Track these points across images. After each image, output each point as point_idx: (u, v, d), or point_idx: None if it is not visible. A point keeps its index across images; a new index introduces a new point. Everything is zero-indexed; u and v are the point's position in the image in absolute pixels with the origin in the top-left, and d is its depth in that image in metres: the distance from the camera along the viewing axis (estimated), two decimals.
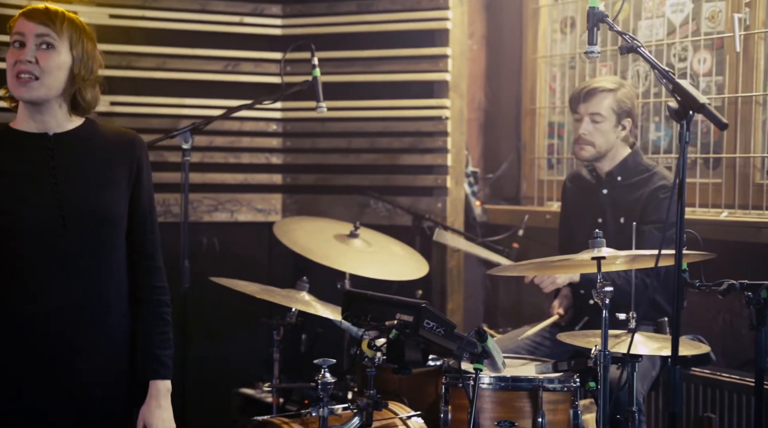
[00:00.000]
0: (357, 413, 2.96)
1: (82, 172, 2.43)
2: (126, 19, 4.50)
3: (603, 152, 3.51)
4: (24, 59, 2.34)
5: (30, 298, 2.38)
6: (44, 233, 2.38)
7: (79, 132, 2.47)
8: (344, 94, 4.59)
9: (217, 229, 4.67)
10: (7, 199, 2.37)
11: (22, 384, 2.39)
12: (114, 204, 2.45)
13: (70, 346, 2.41)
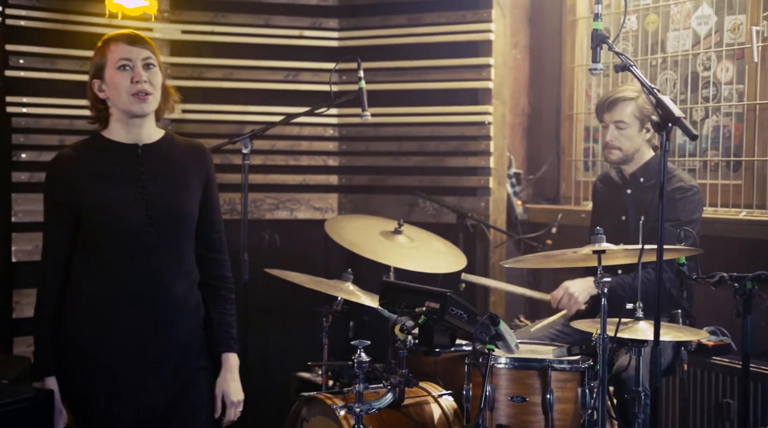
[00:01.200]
0: (390, 389, 3.33)
1: (164, 178, 2.79)
2: (196, 34, 4.93)
3: (630, 154, 3.80)
4: (141, 80, 2.70)
5: (120, 286, 2.74)
6: (133, 229, 2.72)
7: (162, 143, 2.84)
8: (395, 101, 4.96)
9: (278, 226, 5.07)
10: (102, 199, 2.71)
11: (111, 358, 2.74)
12: (189, 205, 2.82)
13: (154, 327, 2.76)
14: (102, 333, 2.74)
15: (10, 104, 4.55)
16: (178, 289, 2.81)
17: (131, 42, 2.74)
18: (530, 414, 3.01)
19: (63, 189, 2.74)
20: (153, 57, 2.76)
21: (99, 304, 2.75)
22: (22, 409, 2.59)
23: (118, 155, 2.78)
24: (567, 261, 3.31)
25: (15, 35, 4.55)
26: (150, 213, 2.73)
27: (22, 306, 4.56)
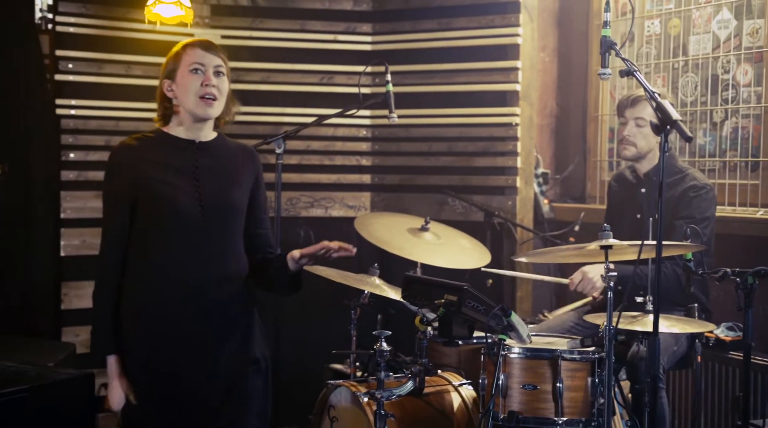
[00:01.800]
0: (411, 378, 3.51)
1: (216, 173, 2.94)
2: (235, 39, 5.15)
3: (644, 152, 3.93)
4: (210, 84, 2.87)
5: (174, 272, 2.86)
6: (186, 218, 2.86)
7: (216, 143, 3.00)
8: (425, 102, 5.14)
9: (313, 223, 5.27)
10: (161, 185, 2.85)
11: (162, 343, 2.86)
12: (239, 199, 2.96)
13: (205, 315, 2.88)
14: (153, 319, 2.86)
15: (59, 107, 4.81)
16: (227, 279, 2.93)
17: (206, 48, 2.91)
18: (541, 402, 3.16)
19: (124, 174, 2.87)
20: (223, 66, 2.92)
21: (150, 290, 2.87)
22: (63, 389, 2.80)
23: (176, 148, 2.94)
24: (575, 256, 3.46)
25: (64, 41, 4.81)
26: (202, 204, 2.87)
27: (71, 298, 4.82)
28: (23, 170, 4.68)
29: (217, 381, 2.90)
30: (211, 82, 2.86)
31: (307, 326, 5.02)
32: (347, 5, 5.27)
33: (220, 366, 2.90)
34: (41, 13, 4.77)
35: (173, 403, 2.86)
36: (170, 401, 2.86)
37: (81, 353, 4.37)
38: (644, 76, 4.67)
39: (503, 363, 3.20)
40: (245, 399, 2.96)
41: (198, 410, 2.89)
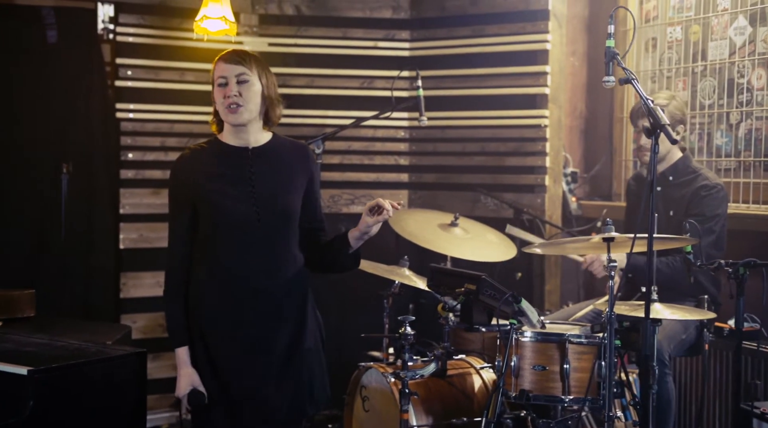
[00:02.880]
0: (433, 360, 3.82)
1: (271, 178, 3.07)
2: (281, 47, 5.49)
3: (662, 156, 4.17)
4: (230, 94, 2.99)
5: (233, 274, 3.03)
6: (243, 225, 3.02)
7: (270, 145, 3.13)
8: (460, 105, 5.43)
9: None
10: (217, 196, 3.01)
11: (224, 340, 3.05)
12: (293, 203, 3.10)
13: (263, 312, 3.05)
14: (216, 317, 3.05)
15: (119, 110, 5.21)
16: (283, 278, 3.09)
17: (227, 60, 3.04)
18: (550, 381, 3.44)
19: (183, 187, 3.06)
20: (247, 73, 3.03)
21: (211, 290, 3.05)
22: (118, 364, 3.16)
23: (231, 156, 3.08)
24: (582, 249, 3.73)
25: (124, 50, 5.20)
26: (258, 210, 3.03)
27: (129, 288, 5.21)
28: (87, 168, 5.08)
29: (274, 371, 3.07)
30: (231, 92, 2.99)
31: (344, 315, 5.34)
32: (387, 14, 5.58)
33: (278, 360, 3.07)
34: (103, 24, 5.17)
35: (233, 393, 3.04)
36: (231, 391, 3.04)
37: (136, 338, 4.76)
38: (666, 80, 4.94)
39: (516, 346, 3.48)
40: (302, 386, 3.13)
41: (258, 398, 3.06)
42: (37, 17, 5.05)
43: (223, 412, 3.05)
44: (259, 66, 3.10)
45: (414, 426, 3.66)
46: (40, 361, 3.00)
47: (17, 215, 4.88)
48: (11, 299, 3.81)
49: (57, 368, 2.99)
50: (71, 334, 3.54)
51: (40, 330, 3.59)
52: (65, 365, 3.02)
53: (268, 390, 3.06)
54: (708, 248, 3.96)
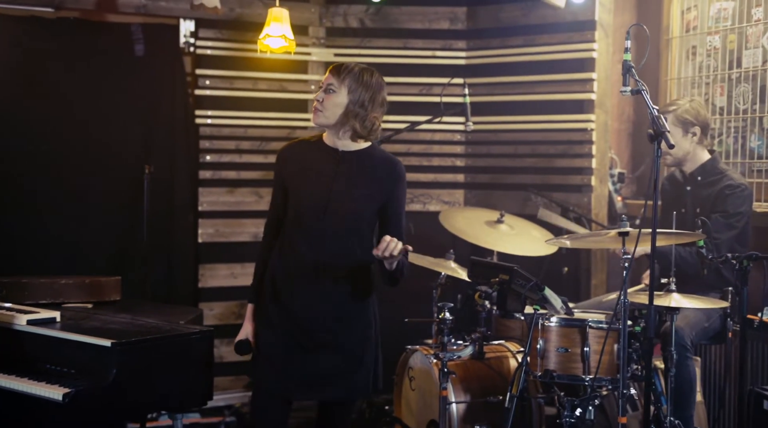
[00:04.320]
0: (471, 344, 4.21)
1: (351, 181, 3.33)
2: (346, 57, 5.92)
3: (680, 157, 4.46)
4: (316, 99, 3.33)
5: (295, 259, 3.33)
6: (309, 215, 3.32)
7: (361, 153, 3.37)
8: (512, 110, 5.80)
9: (413, 216, 5.93)
10: (299, 183, 3.34)
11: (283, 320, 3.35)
12: (363, 207, 3.33)
13: (318, 299, 3.34)
14: (272, 286, 3.38)
15: (198, 117, 5.73)
16: (341, 272, 3.33)
17: (328, 71, 3.37)
18: (572, 362, 3.81)
19: (280, 170, 3.41)
20: (335, 83, 3.30)
21: (282, 266, 3.37)
22: (189, 340, 3.64)
23: (323, 152, 3.38)
24: (600, 242, 4.05)
25: (203, 61, 5.72)
26: (328, 204, 3.31)
27: (206, 278, 5.73)
28: (168, 169, 5.60)
29: (330, 357, 3.35)
30: (317, 97, 3.33)
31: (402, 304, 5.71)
32: (444, 25, 5.98)
33: (333, 345, 3.35)
34: (185, 38, 5.70)
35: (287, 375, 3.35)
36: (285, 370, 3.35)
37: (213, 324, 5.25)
38: (705, 86, 5.22)
39: (543, 330, 3.86)
40: (361, 374, 3.41)
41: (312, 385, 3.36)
42: (127, 33, 5.59)
43: (257, 367, 3.40)
44: (354, 82, 3.32)
45: (452, 402, 4.05)
46: (121, 336, 3.50)
47: (106, 211, 5.44)
48: (100, 284, 4.33)
49: (135, 341, 3.48)
50: (150, 315, 4.03)
51: (124, 311, 4.10)
52: (142, 339, 3.51)
53: (320, 366, 3.34)
54: (730, 243, 4.25)
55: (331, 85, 3.32)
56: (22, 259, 5.14)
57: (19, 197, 5.28)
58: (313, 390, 3.39)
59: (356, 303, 3.44)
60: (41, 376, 3.46)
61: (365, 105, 3.32)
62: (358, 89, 3.32)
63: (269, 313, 3.40)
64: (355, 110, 3.31)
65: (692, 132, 4.44)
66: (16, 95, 5.28)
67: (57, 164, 5.34)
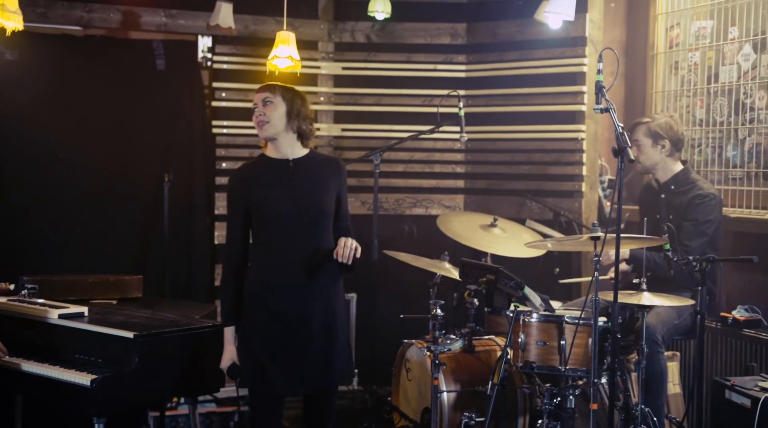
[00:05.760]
0: (460, 338, 4.60)
1: (309, 182, 3.72)
2: (353, 70, 6.34)
3: (649, 166, 4.84)
4: (257, 114, 3.71)
5: (280, 263, 3.67)
6: (286, 219, 3.65)
7: (307, 158, 3.79)
8: (509, 120, 6.18)
9: (416, 220, 6.40)
10: (265, 199, 3.67)
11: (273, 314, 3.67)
12: (328, 202, 3.75)
13: (305, 288, 3.69)
14: (267, 293, 3.69)
15: (215, 127, 6.15)
16: (320, 262, 3.71)
17: (257, 91, 3.78)
18: (550, 354, 4.17)
19: (239, 195, 3.74)
20: (270, 96, 3.71)
21: (265, 273, 3.70)
22: (202, 333, 4.04)
23: (275, 166, 3.76)
24: (576, 245, 4.40)
25: (219, 75, 6.14)
26: (299, 207, 3.68)
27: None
28: (187, 175, 6.02)
29: (313, 342, 3.71)
30: (257, 112, 3.72)
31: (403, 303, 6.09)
32: (446, 40, 6.37)
33: (315, 332, 3.71)
34: (203, 53, 6.12)
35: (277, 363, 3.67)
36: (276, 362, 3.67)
37: None
38: (686, 100, 5.58)
39: (524, 325, 4.23)
40: (338, 352, 3.80)
41: (304, 366, 3.71)
42: (149, 49, 6.02)
43: (268, 377, 3.67)
44: (284, 92, 3.76)
45: (443, 391, 4.44)
46: (142, 328, 3.92)
47: (129, 215, 5.88)
48: (123, 282, 4.76)
49: (155, 333, 3.90)
50: (169, 310, 4.45)
51: (145, 307, 4.52)
52: (161, 331, 3.93)
53: (305, 358, 3.70)
54: (701, 249, 4.60)
55: (267, 98, 3.72)
56: (53, 259, 5.59)
57: (50, 204, 5.74)
58: (305, 384, 3.73)
59: (335, 293, 3.83)
60: (71, 364, 3.90)
61: (301, 110, 3.74)
62: (291, 97, 3.74)
63: (257, 322, 3.70)
64: (294, 114, 3.72)
65: (661, 144, 4.79)
66: (47, 107, 5.72)
67: (85, 172, 5.78)
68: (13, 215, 5.66)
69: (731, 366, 4.98)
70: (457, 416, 4.44)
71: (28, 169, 5.69)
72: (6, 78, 5.61)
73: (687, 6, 5.63)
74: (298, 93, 3.82)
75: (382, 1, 5.84)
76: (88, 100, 5.83)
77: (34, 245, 5.63)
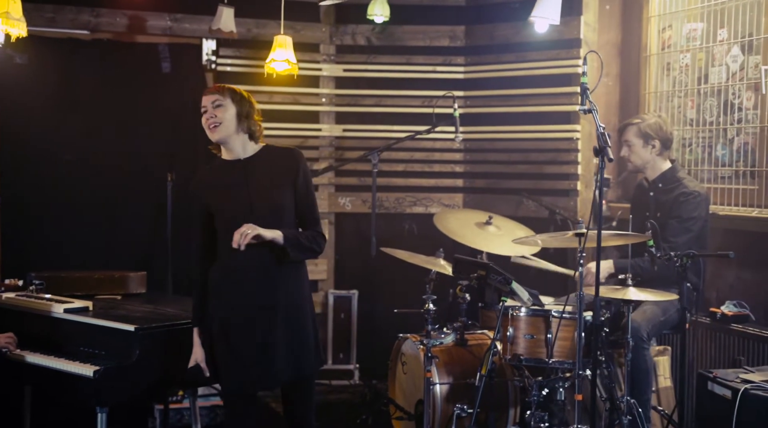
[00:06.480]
0: (453, 331, 4.74)
1: (262, 178, 3.73)
2: (355, 71, 6.50)
3: (639, 165, 4.97)
4: (208, 116, 3.72)
5: (235, 261, 3.69)
6: (240, 218, 3.63)
7: (260, 155, 3.80)
8: (506, 120, 6.32)
9: (416, 218, 6.54)
10: (217, 200, 3.72)
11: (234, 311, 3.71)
12: (281, 199, 3.73)
13: (264, 286, 3.72)
14: (227, 293, 3.73)
15: None
16: (277, 260, 3.71)
17: (208, 93, 3.80)
18: (537, 347, 4.31)
19: (198, 200, 3.81)
20: (221, 98, 3.72)
21: (224, 273, 3.75)
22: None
23: (228, 168, 3.80)
24: (564, 241, 4.51)
25: (223, 77, 6.28)
26: (252, 205, 3.70)
27: None
28: (191, 175, 6.14)
29: (278, 334, 3.72)
30: (208, 115, 3.73)
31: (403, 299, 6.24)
32: (445, 42, 6.51)
33: (279, 323, 3.73)
34: (207, 56, 6.29)
35: (245, 358, 3.71)
36: (242, 358, 3.71)
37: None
38: (677, 100, 5.70)
39: (513, 319, 4.37)
40: (304, 342, 3.80)
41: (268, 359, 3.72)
42: (155, 52, 6.20)
43: (237, 375, 3.73)
44: (234, 95, 3.79)
45: (436, 383, 4.58)
46: (143, 322, 4.07)
47: (134, 214, 6.06)
48: (127, 279, 4.92)
49: (155, 327, 4.06)
50: (171, 305, 4.60)
51: (148, 302, 4.67)
52: (161, 325, 4.09)
53: (272, 352, 3.72)
54: (687, 245, 4.70)
55: (217, 101, 3.75)
56: (60, 256, 5.76)
57: (57, 203, 5.93)
58: (276, 379, 3.77)
59: (299, 285, 3.86)
60: (76, 356, 4.06)
61: (249, 111, 3.79)
62: (239, 99, 3.79)
63: (224, 321, 3.74)
64: (244, 115, 3.76)
65: (652, 144, 4.91)
66: (56, 109, 5.90)
67: (91, 172, 5.96)
68: (22, 214, 5.85)
69: (719, 360, 5.10)
70: (449, 408, 4.58)
71: (37, 169, 5.87)
72: (16, 81, 5.80)
73: (679, 8, 5.74)
74: (246, 94, 3.87)
75: (380, 4, 5.98)
76: (95, 102, 6.01)
77: (42, 243, 5.82)
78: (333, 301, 6.52)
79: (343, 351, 6.53)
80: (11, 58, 5.82)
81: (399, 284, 6.11)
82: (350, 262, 6.60)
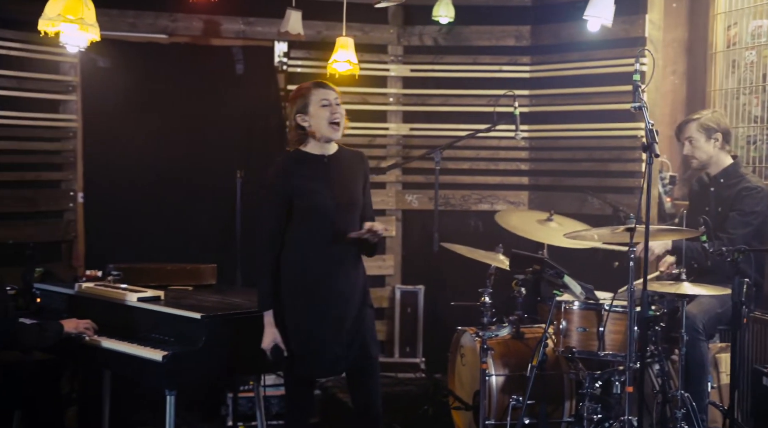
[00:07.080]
0: (508, 324, 4.85)
1: (342, 176, 4.01)
2: (421, 71, 6.65)
3: (705, 160, 4.98)
4: (338, 113, 3.95)
5: (317, 248, 3.92)
6: (323, 211, 3.93)
7: (338, 154, 4.05)
8: (571, 119, 6.38)
9: (481, 215, 6.65)
10: (306, 192, 3.92)
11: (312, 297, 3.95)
12: (358, 195, 4.05)
13: (340, 274, 3.98)
14: (305, 280, 3.95)
15: None
16: (353, 250, 4.02)
17: (329, 88, 4.03)
18: (590, 340, 4.40)
19: (283, 182, 3.93)
20: (339, 97, 4.02)
21: (304, 261, 3.94)
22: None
23: (313, 162, 3.99)
24: (612, 237, 4.56)
25: (294, 78, 6.49)
26: (335, 198, 3.95)
27: None
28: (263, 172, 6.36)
29: (350, 322, 3.97)
30: (338, 111, 3.96)
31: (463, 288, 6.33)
32: (510, 42, 6.61)
33: (352, 311, 3.98)
34: (278, 58, 6.51)
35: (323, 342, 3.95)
36: (312, 343, 3.95)
37: None
38: (743, 97, 5.70)
39: (566, 312, 4.46)
40: (368, 331, 4.06)
41: (341, 344, 3.97)
42: (229, 54, 6.47)
43: (306, 359, 3.95)
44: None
45: (491, 374, 4.69)
46: (210, 311, 4.29)
47: (204, 208, 6.32)
48: (199, 271, 5.17)
49: (221, 315, 4.26)
50: (238, 296, 4.81)
51: (217, 293, 4.90)
52: (226, 313, 4.30)
53: (348, 337, 3.97)
54: (746, 239, 4.72)
55: (338, 100, 4.02)
56: (138, 249, 6.04)
57: (135, 199, 6.23)
58: (347, 361, 3.99)
59: (365, 275, 4.12)
60: (147, 342, 4.29)
61: None
62: None
63: (307, 306, 3.94)
64: None
65: (714, 138, 4.93)
66: (136, 110, 6.20)
67: (169, 169, 6.24)
68: (104, 210, 6.17)
69: None
70: (505, 399, 4.68)
71: (118, 168, 6.17)
72: (99, 83, 6.12)
73: (745, 5, 5.74)
74: None
75: (445, 5, 6.11)
76: (172, 103, 6.29)
77: (122, 237, 6.12)
78: (400, 296, 6.68)
79: (410, 344, 6.68)
80: (94, 62, 6.13)
81: (462, 279, 6.17)
82: (416, 258, 6.73)
